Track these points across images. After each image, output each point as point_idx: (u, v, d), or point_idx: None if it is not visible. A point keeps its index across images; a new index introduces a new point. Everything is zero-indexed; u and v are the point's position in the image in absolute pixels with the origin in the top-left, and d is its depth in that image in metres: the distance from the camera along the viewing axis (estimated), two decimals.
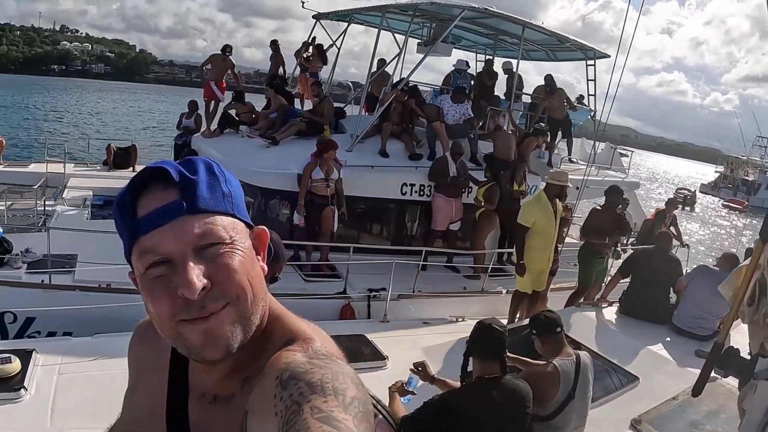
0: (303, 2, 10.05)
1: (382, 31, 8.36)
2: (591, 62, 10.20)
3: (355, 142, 7.77)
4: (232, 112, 8.73)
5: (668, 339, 4.63)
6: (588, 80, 10.30)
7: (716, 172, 50.41)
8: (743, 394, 2.20)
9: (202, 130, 9.73)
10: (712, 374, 2.44)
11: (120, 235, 0.78)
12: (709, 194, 46.85)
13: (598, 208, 6.64)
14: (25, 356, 3.82)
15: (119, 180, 9.29)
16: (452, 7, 8.04)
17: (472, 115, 8.47)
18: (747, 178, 45.00)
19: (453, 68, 9.92)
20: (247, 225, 0.82)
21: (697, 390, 2.51)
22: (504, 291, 7.08)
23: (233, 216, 0.79)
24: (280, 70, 10.87)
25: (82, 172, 10.00)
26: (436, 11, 8.44)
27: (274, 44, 10.81)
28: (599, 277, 6.67)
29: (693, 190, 38.68)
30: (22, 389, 3.52)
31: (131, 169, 10.25)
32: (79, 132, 30.11)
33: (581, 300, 6.38)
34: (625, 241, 7.66)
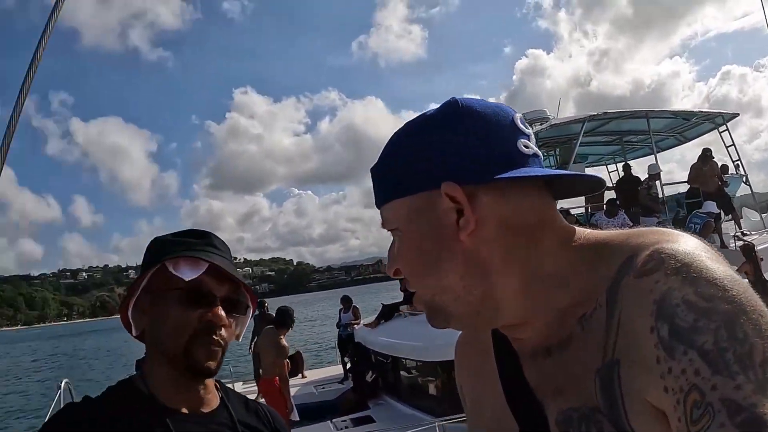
0: None
1: None
2: (723, 128, 9.56)
3: None
4: None
5: None
6: (727, 147, 9.59)
7: None
8: None
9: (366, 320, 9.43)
10: None
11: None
12: None
13: None
14: None
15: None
16: (572, 123, 7.83)
17: (632, 224, 7.80)
18: None
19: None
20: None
21: None
22: None
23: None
24: None
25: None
26: (556, 134, 8.24)
27: None
28: None
29: None
30: None
31: (300, 375, 9.77)
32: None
33: None
34: None
